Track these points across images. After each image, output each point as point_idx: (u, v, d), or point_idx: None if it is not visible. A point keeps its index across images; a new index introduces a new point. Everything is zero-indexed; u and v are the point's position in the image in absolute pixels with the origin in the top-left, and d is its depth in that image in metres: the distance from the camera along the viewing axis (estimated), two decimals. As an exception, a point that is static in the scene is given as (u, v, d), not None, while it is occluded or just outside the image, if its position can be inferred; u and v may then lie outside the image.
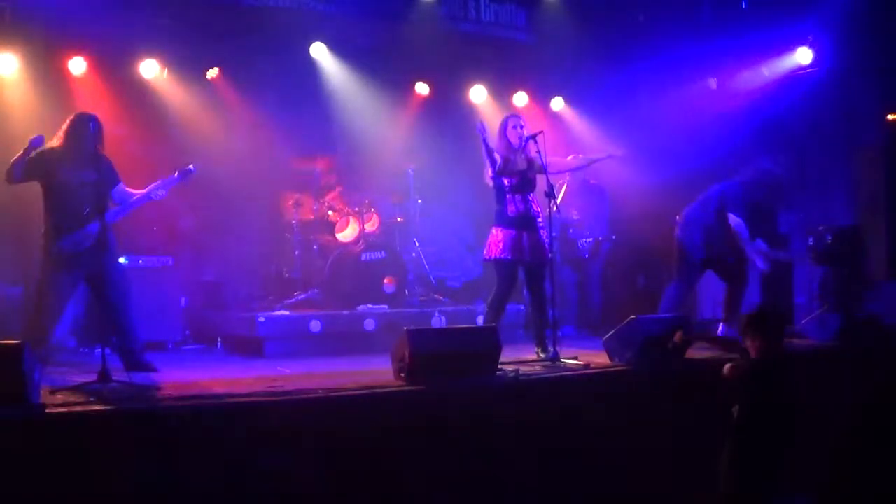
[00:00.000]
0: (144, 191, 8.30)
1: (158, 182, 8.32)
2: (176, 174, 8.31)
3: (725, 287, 10.19)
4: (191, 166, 8.34)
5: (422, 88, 13.13)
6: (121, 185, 8.29)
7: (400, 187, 12.36)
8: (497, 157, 8.74)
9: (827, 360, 9.05)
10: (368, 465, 6.39)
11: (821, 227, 11.64)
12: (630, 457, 7.25)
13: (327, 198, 11.87)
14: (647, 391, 7.68)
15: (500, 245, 8.74)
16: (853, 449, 8.01)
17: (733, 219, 9.75)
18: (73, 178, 7.94)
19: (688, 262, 10.03)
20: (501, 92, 13.41)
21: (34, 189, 8.08)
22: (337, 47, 12.30)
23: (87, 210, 7.91)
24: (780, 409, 5.85)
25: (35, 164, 7.93)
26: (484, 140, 8.62)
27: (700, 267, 10.07)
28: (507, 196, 8.81)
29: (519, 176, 8.80)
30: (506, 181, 8.79)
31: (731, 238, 9.77)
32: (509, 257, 8.75)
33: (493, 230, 8.86)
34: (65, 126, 8.09)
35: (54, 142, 8.07)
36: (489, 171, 8.81)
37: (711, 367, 6.73)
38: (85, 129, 7.99)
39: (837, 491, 7.77)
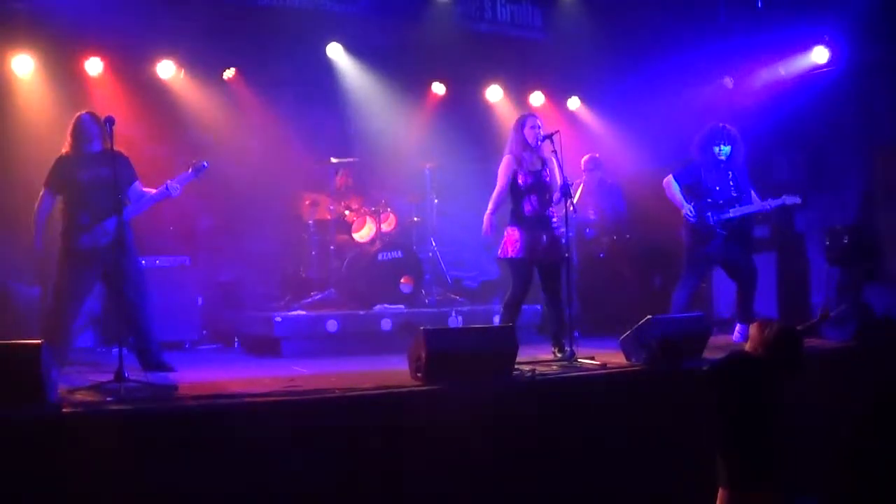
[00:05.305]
0: (158, 189, 8.33)
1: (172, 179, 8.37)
2: (189, 170, 8.34)
3: (736, 286, 10.17)
4: (204, 162, 8.36)
5: (438, 88, 13.16)
6: (136, 184, 8.31)
7: (416, 187, 12.35)
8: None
9: (844, 360, 9.01)
10: (385, 464, 6.40)
11: (838, 227, 11.61)
12: (647, 457, 7.24)
13: (343, 198, 11.86)
14: (664, 391, 7.66)
15: (515, 244, 8.71)
16: (870, 449, 7.97)
17: (665, 180, 10.04)
18: (87, 176, 7.99)
19: (694, 252, 10.00)
20: (517, 91, 13.42)
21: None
22: (353, 47, 12.33)
23: (104, 207, 7.95)
24: (758, 406, 5.70)
25: (55, 179, 8.04)
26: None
27: (706, 256, 10.03)
28: (523, 196, 8.80)
29: (534, 176, 8.80)
30: (521, 181, 8.78)
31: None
32: (524, 256, 8.73)
33: (508, 229, 8.83)
34: (68, 130, 8.15)
35: (64, 148, 8.15)
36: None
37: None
38: (82, 127, 8.08)
39: (854, 491, 7.73)
